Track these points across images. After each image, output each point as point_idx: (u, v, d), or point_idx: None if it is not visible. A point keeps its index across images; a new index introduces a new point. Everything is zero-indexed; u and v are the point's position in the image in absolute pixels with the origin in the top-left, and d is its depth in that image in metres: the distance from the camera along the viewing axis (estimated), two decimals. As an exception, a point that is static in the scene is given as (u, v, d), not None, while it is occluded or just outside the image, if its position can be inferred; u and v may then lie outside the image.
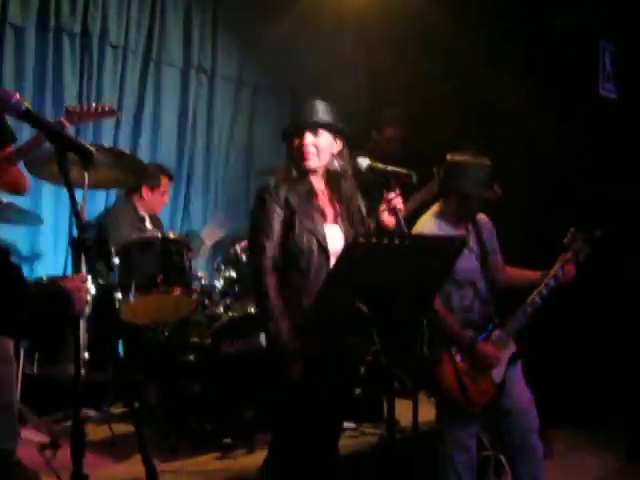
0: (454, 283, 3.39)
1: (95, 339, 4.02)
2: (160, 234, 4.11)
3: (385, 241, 2.39)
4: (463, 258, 3.32)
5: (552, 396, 4.93)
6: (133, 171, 4.04)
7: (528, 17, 5.45)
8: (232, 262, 4.48)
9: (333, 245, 2.86)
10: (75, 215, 2.20)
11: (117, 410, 4.30)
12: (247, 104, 6.21)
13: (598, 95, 5.45)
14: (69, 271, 4.80)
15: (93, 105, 3.76)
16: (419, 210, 3.87)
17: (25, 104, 2.26)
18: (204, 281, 4.33)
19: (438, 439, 3.46)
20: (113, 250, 3.98)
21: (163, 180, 4.84)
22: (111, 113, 3.85)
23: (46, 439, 3.62)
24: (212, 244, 5.17)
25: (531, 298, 3.44)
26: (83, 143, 2.26)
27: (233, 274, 4.44)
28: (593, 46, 5.47)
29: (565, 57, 5.38)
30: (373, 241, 2.38)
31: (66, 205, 4.81)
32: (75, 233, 2.18)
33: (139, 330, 4.24)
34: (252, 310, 4.12)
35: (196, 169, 5.83)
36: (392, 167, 2.92)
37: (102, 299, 3.85)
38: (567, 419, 5.11)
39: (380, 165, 2.91)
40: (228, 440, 3.80)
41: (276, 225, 2.85)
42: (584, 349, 5.29)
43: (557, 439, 4.98)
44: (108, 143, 5.03)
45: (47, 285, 3.17)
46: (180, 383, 4.05)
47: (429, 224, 3.45)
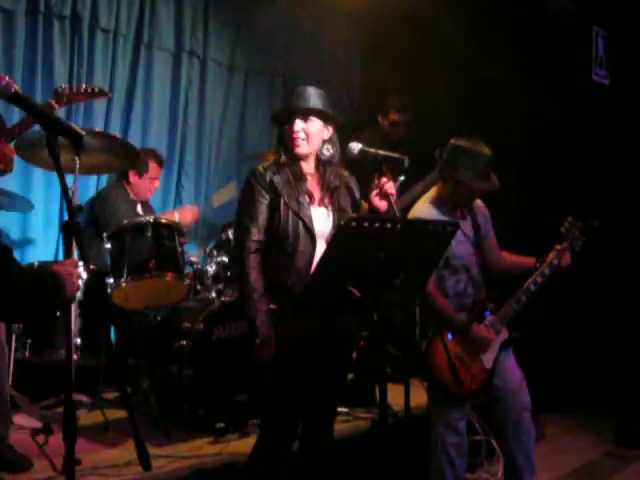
0: (449, 268, 3.40)
1: (87, 324, 4.03)
2: (152, 219, 4.09)
3: (377, 224, 2.39)
4: (459, 244, 3.35)
5: (543, 380, 4.98)
6: (124, 156, 4.02)
7: (522, 2, 5.43)
8: (224, 247, 4.48)
9: (319, 227, 2.88)
10: (66, 200, 2.19)
11: (109, 395, 4.31)
12: (239, 88, 6.18)
13: (591, 81, 5.44)
14: (60, 256, 4.79)
15: (83, 86, 3.73)
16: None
17: (14, 87, 2.24)
18: (196, 266, 4.34)
19: (429, 422, 3.49)
20: (105, 235, 3.97)
21: (152, 165, 4.80)
22: (101, 94, 3.82)
23: (39, 424, 3.63)
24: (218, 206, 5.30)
25: (526, 285, 3.46)
26: (74, 126, 2.24)
27: (225, 259, 4.44)
28: (586, 32, 5.46)
29: (558, 43, 5.37)
30: (365, 225, 2.38)
31: (57, 190, 4.79)
32: (66, 218, 2.17)
33: (131, 315, 4.24)
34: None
35: (188, 153, 5.80)
36: (384, 152, 2.92)
37: (94, 284, 3.85)
38: (558, 403, 5.16)
39: (372, 150, 2.91)
40: (221, 425, 3.82)
41: (261, 208, 2.87)
42: (575, 334, 5.32)
43: (548, 423, 5.03)
44: (99, 127, 5.00)
45: (39, 270, 3.15)
46: (172, 368, 4.05)
47: (424, 208, 3.46)
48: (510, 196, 3.44)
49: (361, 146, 2.94)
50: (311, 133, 2.93)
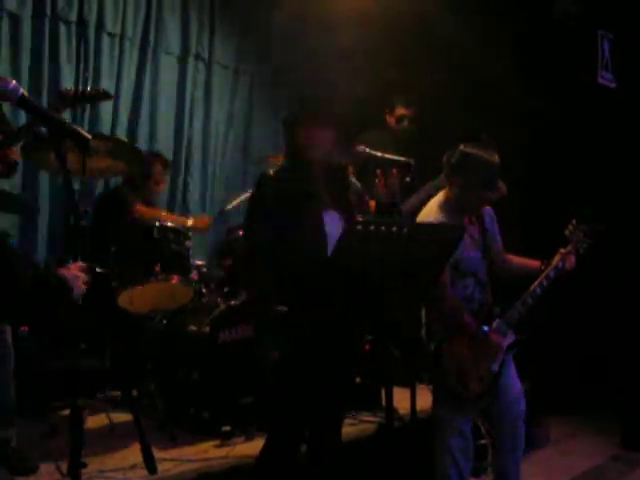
0: (457, 272, 3.40)
1: (93, 327, 4.03)
2: (158, 222, 4.10)
3: (382, 228, 2.40)
4: (467, 248, 3.36)
5: (549, 383, 4.97)
6: (131, 159, 4.02)
7: (528, 4, 5.43)
8: (230, 250, 4.48)
9: (331, 231, 2.88)
10: (72, 203, 2.19)
11: (115, 398, 4.31)
12: (245, 91, 6.20)
13: (597, 84, 5.43)
14: (66, 259, 4.78)
15: (87, 88, 3.74)
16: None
17: (21, 91, 2.25)
18: (202, 269, 4.34)
19: (434, 425, 3.48)
20: (110, 238, 3.98)
21: (157, 168, 4.78)
22: (105, 96, 3.83)
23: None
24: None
25: (532, 288, 3.46)
26: (80, 130, 2.25)
27: (230, 262, 4.45)
28: (592, 35, 5.45)
29: (564, 46, 5.36)
30: (371, 228, 2.39)
31: (63, 192, 4.80)
32: (72, 221, 2.18)
33: (137, 318, 4.24)
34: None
35: (194, 157, 5.82)
36: (390, 155, 2.94)
37: (99, 287, 3.85)
38: (563, 406, 5.14)
39: (378, 153, 2.94)
40: (227, 428, 3.81)
41: (272, 212, 2.88)
42: (580, 336, 5.31)
43: (553, 426, 5.02)
44: (106, 131, 5.02)
45: (45, 273, 3.16)
46: (178, 371, 4.05)
47: (432, 212, 3.45)
48: (511, 197, 3.44)
49: (368, 150, 2.97)
50: (329, 138, 2.97)
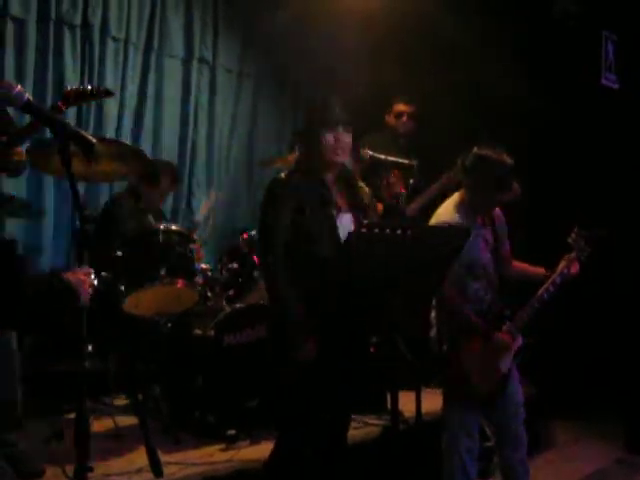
0: (471, 275, 3.41)
1: (98, 331, 4.04)
2: (163, 226, 4.10)
3: (388, 231, 2.40)
4: (481, 251, 3.39)
5: (553, 388, 4.96)
6: (135, 163, 4.03)
7: (528, 4, 5.43)
8: (235, 254, 4.48)
9: (344, 233, 2.90)
10: (77, 207, 2.20)
11: (120, 402, 4.31)
12: (249, 94, 6.21)
13: (599, 85, 5.42)
14: (72, 264, 4.79)
15: (89, 87, 3.77)
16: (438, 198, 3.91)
17: (27, 96, 2.26)
18: (207, 273, 4.34)
19: (442, 426, 3.49)
20: (116, 242, 3.98)
21: (165, 182, 4.66)
22: (107, 94, 3.85)
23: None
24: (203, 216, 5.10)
25: (539, 293, 3.49)
26: (85, 134, 2.25)
27: (236, 266, 4.45)
28: (595, 36, 5.44)
29: (567, 47, 5.35)
30: (376, 231, 2.40)
31: (68, 197, 4.80)
32: (78, 226, 2.18)
33: (142, 322, 4.24)
34: (254, 302, 4.13)
35: (198, 160, 5.83)
36: (393, 158, 2.98)
37: (105, 291, 3.85)
38: (568, 410, 5.13)
39: (382, 156, 2.97)
40: (232, 431, 3.81)
41: (286, 215, 2.92)
42: (584, 341, 5.30)
43: (558, 430, 5.00)
44: (110, 134, 5.03)
45: (51, 278, 3.16)
46: (183, 375, 4.06)
47: (447, 213, 3.47)
48: (516, 204, 3.46)
49: (372, 153, 3.01)
50: (349, 143, 3.03)
